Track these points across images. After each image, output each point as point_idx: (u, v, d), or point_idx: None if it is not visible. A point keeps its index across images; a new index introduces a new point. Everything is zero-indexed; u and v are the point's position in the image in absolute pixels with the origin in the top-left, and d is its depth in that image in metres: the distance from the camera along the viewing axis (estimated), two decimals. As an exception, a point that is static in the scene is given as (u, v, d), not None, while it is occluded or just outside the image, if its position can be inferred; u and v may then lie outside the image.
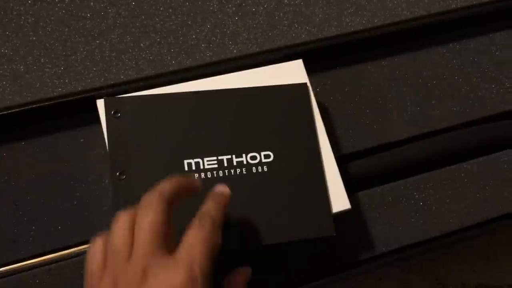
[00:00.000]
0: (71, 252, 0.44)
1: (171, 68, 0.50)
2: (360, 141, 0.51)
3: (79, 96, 0.46)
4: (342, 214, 0.42)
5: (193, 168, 0.41)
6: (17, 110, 0.45)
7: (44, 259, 0.44)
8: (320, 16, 0.53)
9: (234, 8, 0.53)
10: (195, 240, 0.30)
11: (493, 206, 0.49)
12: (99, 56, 0.49)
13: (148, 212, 0.30)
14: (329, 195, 0.42)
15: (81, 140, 0.47)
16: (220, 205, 0.34)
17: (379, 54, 0.55)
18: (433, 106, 0.53)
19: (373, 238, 0.47)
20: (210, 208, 0.34)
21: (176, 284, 0.28)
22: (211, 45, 0.51)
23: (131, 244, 0.30)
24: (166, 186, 0.32)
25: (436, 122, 0.52)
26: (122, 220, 0.31)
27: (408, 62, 0.55)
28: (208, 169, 0.41)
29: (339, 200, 0.42)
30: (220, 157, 0.42)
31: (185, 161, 0.41)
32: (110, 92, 0.46)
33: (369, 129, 0.51)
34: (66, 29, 0.50)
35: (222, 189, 0.36)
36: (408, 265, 0.62)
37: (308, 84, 0.46)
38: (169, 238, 0.31)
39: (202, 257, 0.30)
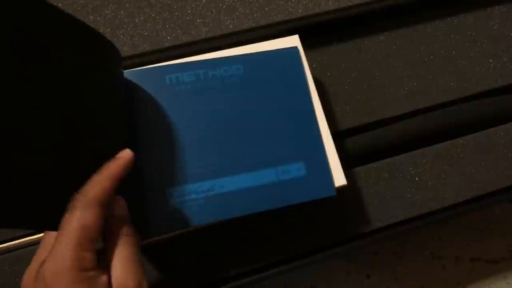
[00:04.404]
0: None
1: (166, 44, 0.49)
2: (357, 117, 0.51)
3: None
4: (338, 189, 0.42)
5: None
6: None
7: (41, 236, 0.44)
8: (317, -10, 0.52)
9: (229, -18, 0.52)
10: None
11: (489, 181, 0.49)
12: (93, 32, 0.48)
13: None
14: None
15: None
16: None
17: (376, 29, 0.54)
18: (430, 81, 0.53)
19: (369, 213, 0.47)
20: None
21: None
22: (206, 20, 0.50)
23: None
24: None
25: (433, 98, 0.52)
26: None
27: (405, 37, 0.55)
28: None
29: (336, 176, 0.42)
30: None
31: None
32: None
33: (366, 105, 0.51)
34: (60, 4, 0.49)
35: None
36: (403, 240, 0.63)
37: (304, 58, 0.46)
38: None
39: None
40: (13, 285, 0.43)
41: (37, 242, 0.44)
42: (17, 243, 0.44)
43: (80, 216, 0.30)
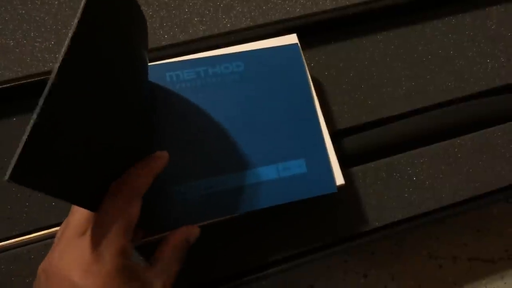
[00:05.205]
0: (65, 228, 0.44)
1: (163, 43, 0.49)
2: (354, 116, 0.51)
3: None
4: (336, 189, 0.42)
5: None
6: (7, 85, 0.45)
7: (38, 235, 0.44)
8: (315, -11, 0.52)
9: (227, -19, 0.52)
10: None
11: (486, 180, 0.49)
12: (90, 30, 0.48)
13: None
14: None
15: (74, 116, 0.46)
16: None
17: (374, 28, 0.54)
18: (428, 81, 0.53)
19: (366, 213, 0.47)
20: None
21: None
22: (204, 19, 0.50)
23: None
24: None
25: (431, 97, 0.52)
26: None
27: (403, 37, 0.54)
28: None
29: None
30: None
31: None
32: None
33: (363, 104, 0.51)
34: (56, 2, 0.49)
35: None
36: (400, 239, 0.63)
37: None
38: None
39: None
40: (9, 285, 0.43)
41: (34, 241, 0.44)
42: (14, 242, 0.44)
43: (125, 205, 0.31)
